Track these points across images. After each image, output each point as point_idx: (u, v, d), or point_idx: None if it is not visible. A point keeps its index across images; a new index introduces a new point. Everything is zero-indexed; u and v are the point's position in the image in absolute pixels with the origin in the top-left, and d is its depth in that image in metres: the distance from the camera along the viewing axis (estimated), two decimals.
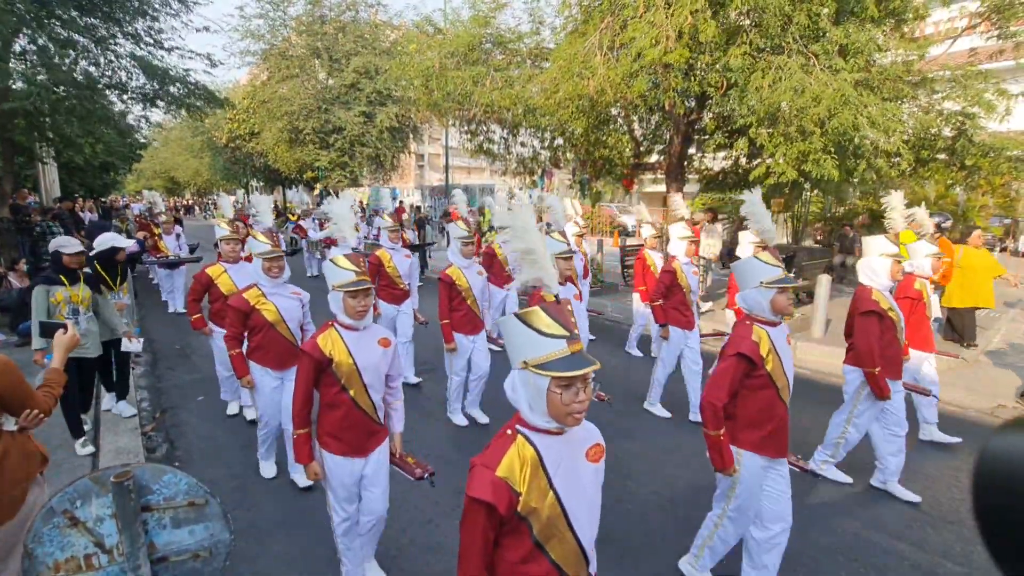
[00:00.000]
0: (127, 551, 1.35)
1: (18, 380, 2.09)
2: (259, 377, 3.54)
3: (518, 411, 1.42)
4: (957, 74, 7.25)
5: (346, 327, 2.44)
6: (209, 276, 4.37)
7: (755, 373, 2.43)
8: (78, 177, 16.26)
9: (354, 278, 2.37)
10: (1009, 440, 0.58)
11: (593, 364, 1.31)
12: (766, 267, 2.50)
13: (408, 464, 2.60)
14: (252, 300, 3.45)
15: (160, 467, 1.43)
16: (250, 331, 3.52)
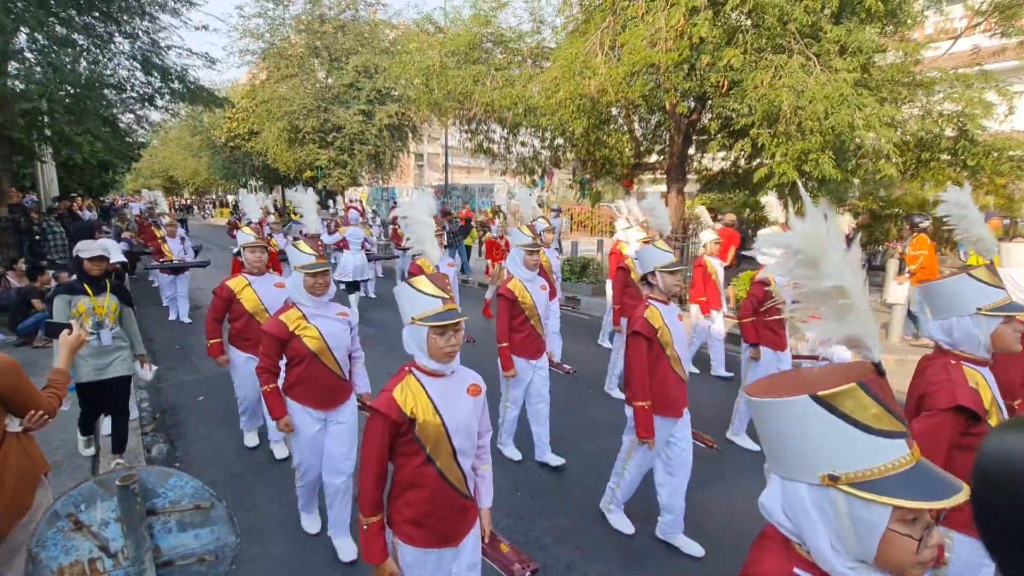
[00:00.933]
0: (132, 555, 1.34)
1: (22, 381, 2.07)
2: (298, 418, 2.92)
3: None
4: (956, 75, 7.26)
5: (429, 373, 1.83)
6: (231, 290, 3.75)
7: None
8: (76, 176, 16.22)
9: (441, 307, 1.76)
10: (1007, 440, 0.57)
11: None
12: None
13: (503, 555, 2.01)
14: (291, 324, 2.85)
15: (166, 470, 1.41)
16: (288, 362, 2.94)
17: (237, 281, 3.77)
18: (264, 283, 3.81)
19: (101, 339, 3.47)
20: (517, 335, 3.82)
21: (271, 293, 3.75)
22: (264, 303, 3.71)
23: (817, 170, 6.48)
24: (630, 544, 3.12)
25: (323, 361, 2.90)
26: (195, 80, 9.81)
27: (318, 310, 2.91)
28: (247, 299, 3.74)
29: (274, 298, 3.57)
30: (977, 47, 8.27)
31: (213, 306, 3.76)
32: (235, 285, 3.75)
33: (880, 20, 6.66)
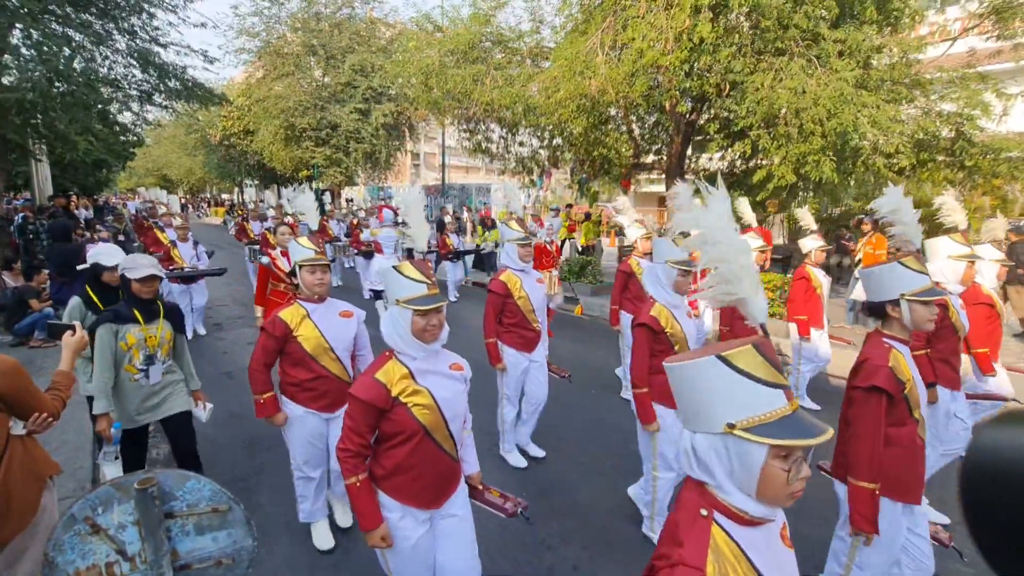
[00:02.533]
0: (151, 559, 1.32)
1: (26, 383, 2.06)
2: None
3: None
4: (954, 76, 7.31)
5: None
6: (286, 325, 2.78)
7: None
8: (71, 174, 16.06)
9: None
10: (997, 435, 0.57)
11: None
12: None
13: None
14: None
15: (184, 473, 1.40)
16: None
17: (292, 312, 2.82)
18: (327, 313, 2.88)
19: (150, 376, 2.88)
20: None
21: (337, 326, 2.89)
22: (329, 340, 2.83)
23: (816, 172, 6.51)
24: (637, 545, 3.12)
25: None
26: (192, 78, 9.75)
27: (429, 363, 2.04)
28: (307, 335, 2.79)
29: (341, 332, 2.88)
30: (973, 49, 8.33)
31: (262, 347, 2.80)
32: (290, 317, 2.81)
33: (879, 24, 6.71)
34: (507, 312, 3.77)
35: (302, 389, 2.83)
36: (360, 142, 18.88)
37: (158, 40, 9.18)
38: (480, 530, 3.20)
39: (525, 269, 3.84)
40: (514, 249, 3.83)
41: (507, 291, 3.73)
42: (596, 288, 10.08)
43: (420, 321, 1.86)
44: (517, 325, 3.76)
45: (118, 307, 2.86)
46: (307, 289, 2.80)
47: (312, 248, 2.80)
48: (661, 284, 3.14)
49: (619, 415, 4.88)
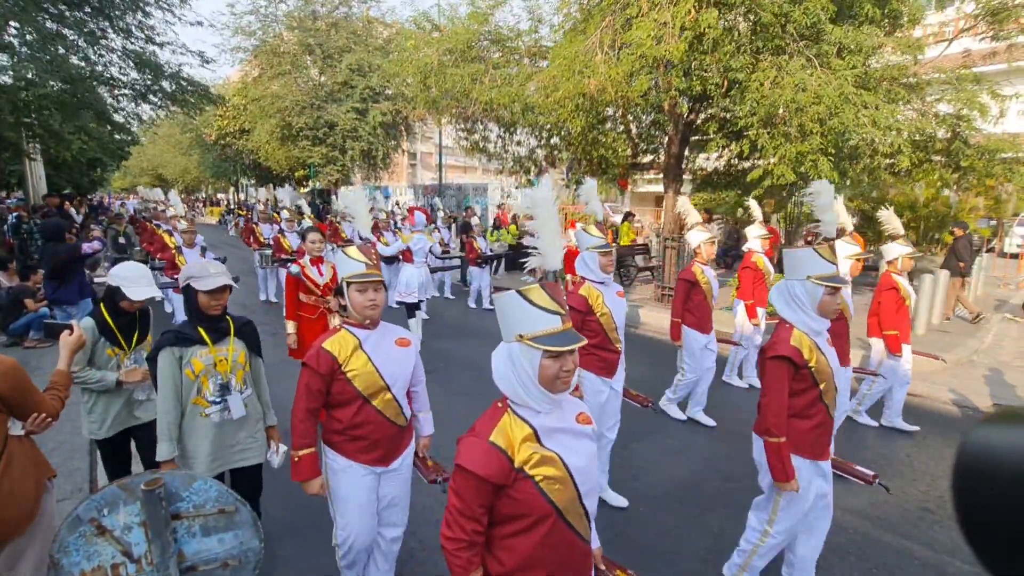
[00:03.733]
0: (157, 560, 1.31)
1: (25, 383, 2.03)
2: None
3: None
4: (951, 77, 7.35)
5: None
6: (332, 358, 2.15)
7: None
8: (65, 174, 15.97)
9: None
10: (989, 434, 0.57)
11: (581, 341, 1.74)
12: None
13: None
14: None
15: (190, 474, 1.39)
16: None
17: (340, 342, 2.19)
18: (382, 342, 2.26)
19: (231, 410, 2.36)
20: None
21: (394, 358, 2.26)
22: (385, 376, 2.21)
23: (815, 172, 6.53)
24: (637, 544, 3.12)
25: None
26: (188, 77, 9.69)
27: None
28: (358, 371, 2.17)
29: (398, 366, 2.27)
30: (968, 50, 8.39)
31: (306, 388, 2.15)
32: (338, 348, 2.17)
33: (879, 23, 6.73)
34: (586, 331, 3.20)
35: (350, 438, 2.21)
36: (357, 141, 18.83)
37: (153, 39, 9.13)
38: None
39: (606, 281, 3.32)
40: (594, 258, 3.29)
41: (588, 307, 3.21)
42: None
43: (552, 365, 1.43)
44: (598, 346, 3.26)
45: (179, 328, 2.37)
46: (357, 312, 2.20)
47: (363, 261, 2.21)
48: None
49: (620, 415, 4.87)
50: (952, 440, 4.45)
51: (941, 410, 5.22)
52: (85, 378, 2.68)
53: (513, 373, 1.47)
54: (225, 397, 2.35)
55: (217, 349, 2.36)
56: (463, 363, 6.29)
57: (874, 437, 4.54)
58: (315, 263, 4.48)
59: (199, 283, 2.29)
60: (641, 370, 6.28)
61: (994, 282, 12.00)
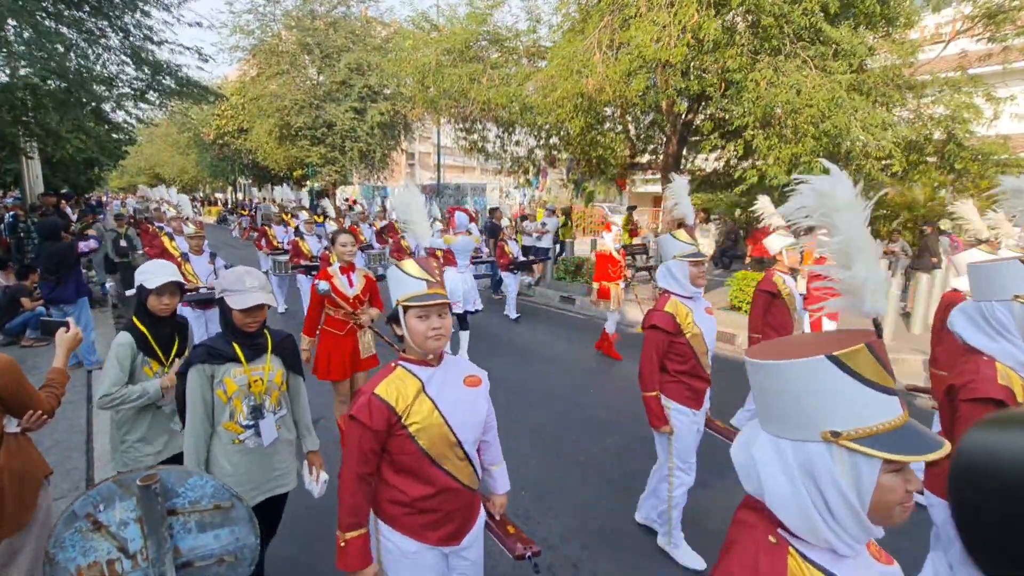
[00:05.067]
0: (153, 556, 1.31)
1: (20, 380, 2.04)
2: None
3: None
4: (946, 79, 7.39)
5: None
6: (388, 409, 1.64)
7: None
8: (61, 173, 15.90)
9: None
10: (983, 437, 0.58)
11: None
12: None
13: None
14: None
15: (186, 469, 1.39)
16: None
17: (398, 384, 1.67)
18: (448, 381, 1.75)
19: (262, 435, 2.10)
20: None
21: (465, 403, 1.76)
22: (455, 428, 1.69)
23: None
24: (637, 544, 3.13)
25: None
26: (186, 76, 9.68)
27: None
28: (423, 423, 1.66)
29: (470, 413, 1.76)
30: (964, 51, 8.43)
31: (358, 448, 1.64)
32: (395, 394, 1.65)
33: (877, 24, 6.76)
34: (672, 355, 2.82)
35: (415, 511, 1.69)
36: (355, 141, 18.83)
37: (152, 38, 9.11)
38: None
39: (695, 295, 2.86)
40: (683, 268, 2.81)
41: (675, 326, 2.76)
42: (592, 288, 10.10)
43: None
44: (686, 373, 2.82)
45: (212, 342, 2.10)
46: (417, 344, 1.67)
47: (424, 278, 1.68)
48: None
49: (618, 415, 4.89)
50: None
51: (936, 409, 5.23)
52: (124, 396, 2.30)
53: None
54: (257, 420, 2.10)
55: (252, 368, 2.10)
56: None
57: None
58: (344, 271, 3.89)
59: (234, 299, 2.03)
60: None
61: None
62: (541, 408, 5.01)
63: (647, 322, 2.84)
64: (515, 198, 20.00)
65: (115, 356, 2.32)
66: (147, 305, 2.37)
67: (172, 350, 2.48)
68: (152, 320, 2.40)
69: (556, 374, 6.00)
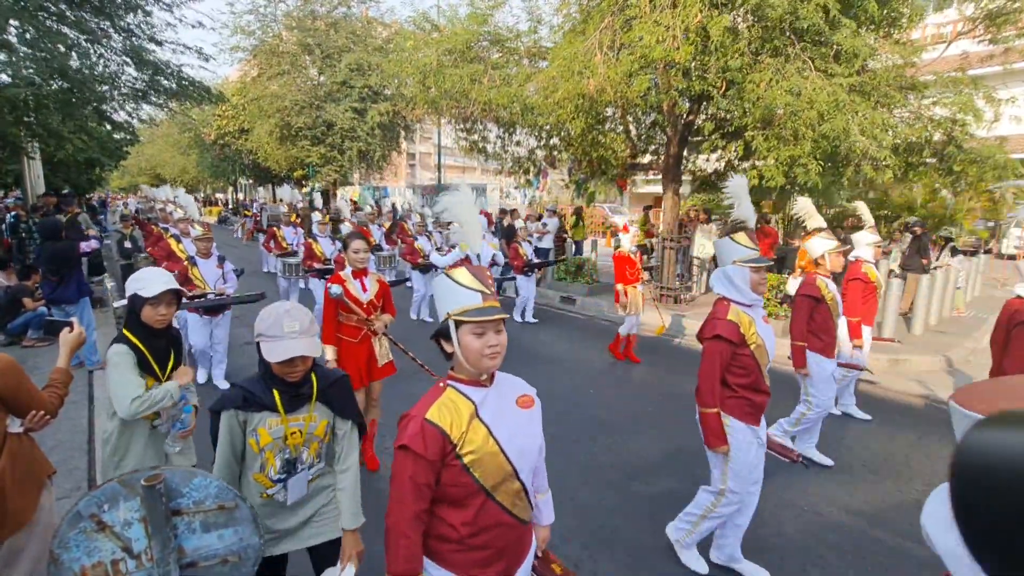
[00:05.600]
0: (157, 556, 1.31)
1: (22, 380, 2.05)
2: None
3: None
4: (948, 79, 7.39)
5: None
6: (443, 437, 1.46)
7: None
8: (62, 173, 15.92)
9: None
10: (985, 436, 0.58)
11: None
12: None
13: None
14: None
15: (190, 470, 1.39)
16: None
17: (451, 408, 1.50)
18: (502, 402, 1.58)
19: (288, 491, 1.83)
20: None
21: (519, 426, 1.59)
22: (511, 455, 1.53)
23: (804, 176, 6.57)
24: (637, 544, 3.13)
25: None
26: (188, 76, 9.70)
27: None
28: (479, 451, 1.49)
29: (526, 437, 1.59)
30: (965, 53, 8.42)
31: (411, 484, 1.46)
32: (448, 419, 1.48)
33: (879, 25, 6.75)
34: (735, 367, 2.61)
35: (464, 547, 1.51)
36: (355, 141, 18.85)
37: (155, 38, 9.13)
38: None
39: (755, 303, 2.66)
40: (744, 274, 2.61)
41: (740, 337, 2.55)
42: (592, 288, 10.11)
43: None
44: (748, 387, 2.61)
45: (247, 385, 1.80)
46: (470, 363, 1.49)
47: (478, 288, 1.49)
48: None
49: (619, 415, 4.89)
50: (949, 439, 4.47)
51: (938, 410, 5.24)
52: (151, 398, 2.14)
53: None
54: (288, 475, 1.80)
55: (292, 418, 1.80)
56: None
57: (873, 436, 4.56)
58: (357, 276, 3.77)
59: (271, 347, 1.72)
60: (649, 372, 6.29)
61: (992, 283, 12.05)
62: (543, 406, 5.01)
63: (708, 331, 2.61)
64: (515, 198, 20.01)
65: (121, 364, 2.15)
66: (141, 316, 2.19)
67: (168, 364, 2.32)
68: (146, 332, 2.22)
69: (556, 374, 6.00)
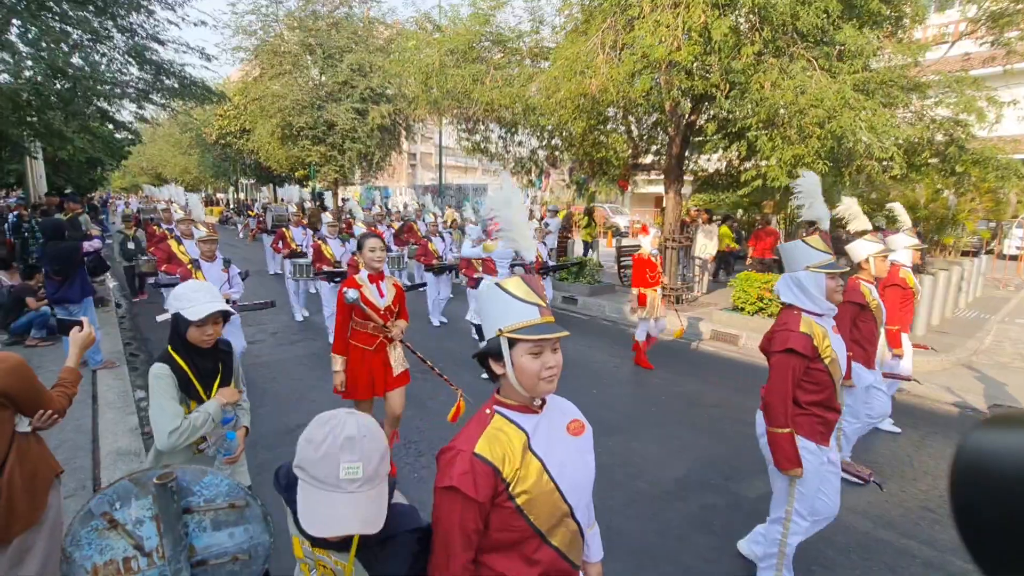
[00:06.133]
0: (169, 554, 1.32)
1: (31, 379, 2.05)
2: None
3: None
4: (951, 79, 7.38)
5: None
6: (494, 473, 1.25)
7: None
8: (64, 173, 15.97)
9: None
10: (986, 438, 0.58)
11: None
12: None
13: None
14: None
15: (201, 468, 1.40)
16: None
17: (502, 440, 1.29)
18: (552, 430, 1.38)
19: None
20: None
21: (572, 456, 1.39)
22: (566, 492, 1.33)
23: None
24: (637, 543, 3.13)
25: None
26: (190, 76, 9.71)
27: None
28: (532, 490, 1.28)
29: (581, 470, 1.39)
30: (968, 54, 8.42)
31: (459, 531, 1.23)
32: (501, 452, 1.26)
33: (883, 24, 6.74)
34: (807, 383, 2.40)
35: None
36: (355, 141, 18.86)
37: (157, 37, 9.14)
38: None
39: (828, 313, 2.48)
40: (819, 281, 2.42)
41: (813, 350, 2.35)
42: (594, 288, 10.11)
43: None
44: (820, 404, 2.42)
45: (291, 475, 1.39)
46: (524, 386, 1.29)
47: (534, 302, 1.32)
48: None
49: (621, 416, 4.90)
50: (952, 440, 4.47)
51: (941, 410, 5.24)
52: (191, 426, 1.97)
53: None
54: None
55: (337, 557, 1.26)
56: None
57: (877, 437, 4.56)
58: (373, 280, 3.52)
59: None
60: (653, 373, 6.29)
61: (993, 284, 12.04)
62: None
63: (779, 344, 2.38)
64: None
65: (159, 388, 2.00)
66: (186, 336, 2.03)
67: (214, 385, 2.14)
68: (192, 351, 2.07)
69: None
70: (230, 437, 2.13)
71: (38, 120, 8.22)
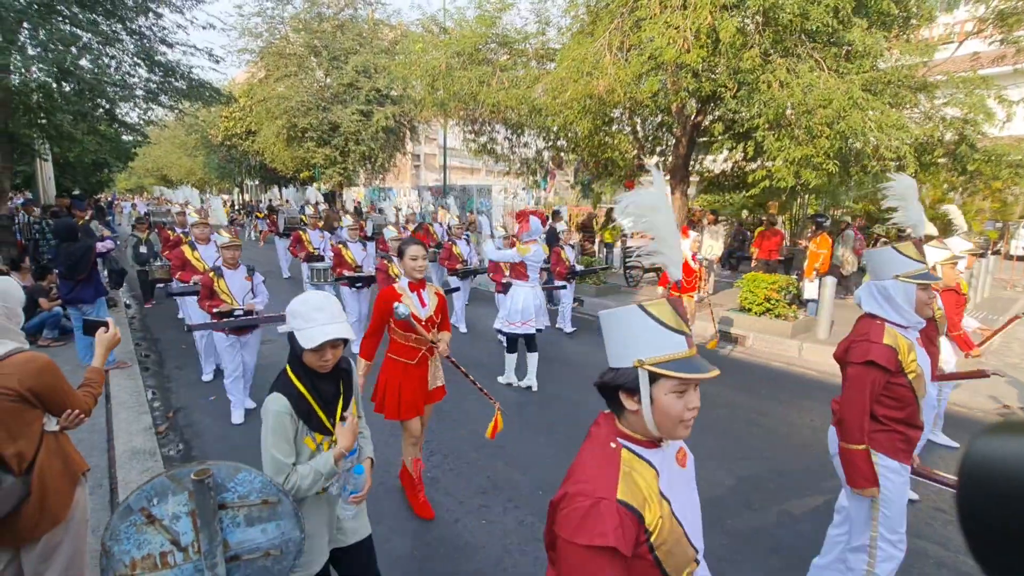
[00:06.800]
0: (205, 549, 1.35)
1: (59, 380, 2.08)
2: None
3: None
4: (959, 79, 7.38)
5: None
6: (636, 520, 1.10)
7: None
8: (71, 174, 16.08)
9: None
10: (993, 443, 0.59)
11: None
12: None
13: None
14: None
15: (236, 464, 1.43)
16: None
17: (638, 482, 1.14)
18: (671, 467, 1.25)
19: None
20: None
21: (688, 491, 1.29)
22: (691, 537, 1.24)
23: (816, 177, 6.57)
24: None
25: None
26: (198, 77, 9.77)
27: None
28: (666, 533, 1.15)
29: (695, 506, 1.29)
30: (977, 53, 8.41)
31: None
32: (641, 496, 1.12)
33: (891, 24, 6.74)
34: (888, 398, 2.22)
35: None
36: (359, 144, 18.93)
37: (165, 39, 9.20)
38: (483, 527, 3.22)
39: (916, 326, 2.28)
40: (909, 292, 2.22)
41: (897, 364, 2.17)
42: (600, 288, 10.13)
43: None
44: (902, 420, 2.23)
45: None
46: (664, 429, 1.17)
47: (684, 331, 1.19)
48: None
49: None
50: (960, 442, 4.47)
51: (949, 411, 5.23)
52: (295, 486, 1.66)
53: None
54: None
55: None
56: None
57: None
58: (414, 288, 3.21)
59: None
60: None
61: (1001, 284, 12.00)
62: (554, 409, 5.04)
63: (859, 356, 2.20)
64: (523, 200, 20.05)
65: (268, 428, 1.72)
66: (302, 358, 1.79)
67: (337, 410, 1.88)
68: (313, 375, 1.82)
69: (567, 375, 6.03)
70: (358, 472, 1.81)
71: (48, 122, 8.29)
